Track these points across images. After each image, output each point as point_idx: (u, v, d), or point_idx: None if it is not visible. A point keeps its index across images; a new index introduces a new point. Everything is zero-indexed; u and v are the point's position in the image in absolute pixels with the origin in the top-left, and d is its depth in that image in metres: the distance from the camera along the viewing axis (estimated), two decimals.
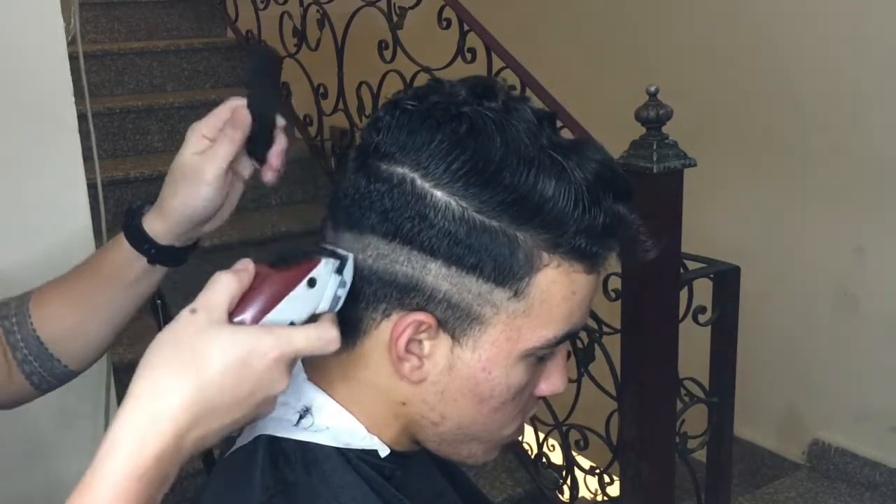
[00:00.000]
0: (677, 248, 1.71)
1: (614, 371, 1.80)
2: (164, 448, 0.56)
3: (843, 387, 2.52)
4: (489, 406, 0.67)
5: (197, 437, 0.59)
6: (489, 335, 0.65)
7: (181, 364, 0.58)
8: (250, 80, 0.79)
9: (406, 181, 0.63)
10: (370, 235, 0.64)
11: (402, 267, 0.63)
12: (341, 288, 0.64)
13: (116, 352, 2.14)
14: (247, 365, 0.59)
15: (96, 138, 1.65)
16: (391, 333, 0.65)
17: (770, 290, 2.54)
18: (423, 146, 0.63)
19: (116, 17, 3.34)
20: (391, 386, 0.67)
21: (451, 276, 0.63)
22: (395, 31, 2.41)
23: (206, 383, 0.58)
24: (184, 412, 0.57)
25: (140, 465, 0.56)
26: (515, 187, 0.62)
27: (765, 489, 2.53)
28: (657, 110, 1.61)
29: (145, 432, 0.56)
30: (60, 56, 1.45)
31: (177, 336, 0.59)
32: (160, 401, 0.57)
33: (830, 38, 2.42)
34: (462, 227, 0.62)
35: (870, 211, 2.40)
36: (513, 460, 2.25)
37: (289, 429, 0.68)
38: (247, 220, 2.83)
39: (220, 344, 0.58)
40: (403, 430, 0.70)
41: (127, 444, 0.56)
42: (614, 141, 1.76)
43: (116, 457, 0.56)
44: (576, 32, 3.08)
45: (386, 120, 0.65)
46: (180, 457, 0.58)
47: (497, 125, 0.62)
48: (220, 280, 0.61)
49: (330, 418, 0.68)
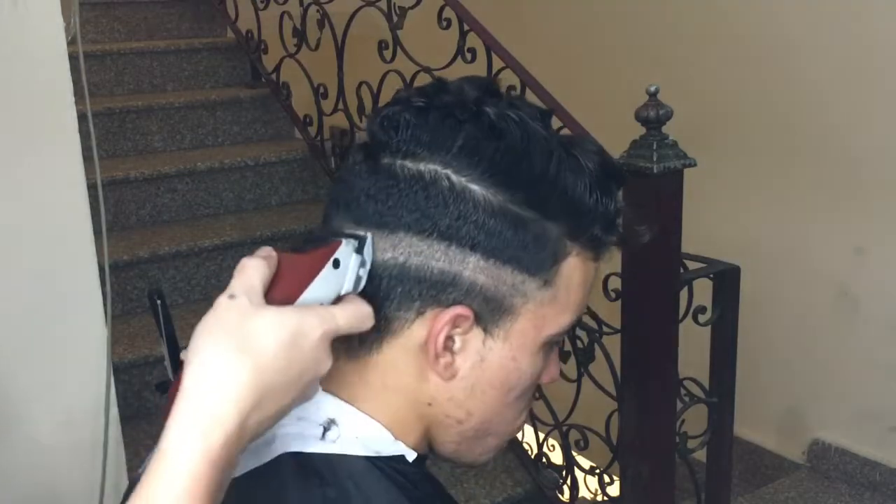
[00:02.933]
0: (677, 248, 1.71)
1: (614, 371, 1.80)
2: (230, 433, 0.55)
3: (843, 387, 2.52)
4: (512, 396, 0.69)
5: (257, 422, 0.58)
6: (519, 324, 0.66)
7: (236, 349, 0.57)
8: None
9: (441, 178, 0.63)
10: (402, 233, 0.64)
11: (438, 263, 0.63)
12: (362, 268, 0.64)
13: (116, 352, 2.14)
14: (297, 345, 0.58)
15: (96, 138, 1.65)
16: (430, 330, 0.64)
17: (770, 290, 2.54)
18: (449, 143, 0.63)
19: (116, 17, 3.35)
20: (418, 387, 0.67)
21: (487, 269, 0.64)
22: (395, 31, 2.41)
23: (264, 366, 0.57)
24: (246, 395, 0.56)
25: (212, 449, 0.55)
26: (542, 179, 0.64)
27: (765, 489, 2.53)
28: (657, 110, 1.61)
29: (211, 419, 0.55)
30: (60, 56, 1.45)
31: (222, 322, 0.57)
32: (221, 386, 0.56)
33: (831, 39, 2.42)
34: (499, 219, 0.63)
35: (870, 211, 2.40)
36: (513, 460, 2.25)
37: (314, 443, 0.66)
38: (247, 220, 2.84)
39: (270, 325, 0.58)
40: (424, 434, 0.70)
41: (195, 431, 0.55)
42: (614, 141, 1.77)
43: (188, 444, 0.54)
44: (576, 32, 3.08)
45: (404, 118, 0.64)
46: (243, 442, 0.57)
47: (515, 121, 0.64)
48: (251, 265, 0.60)
49: (357, 428, 0.67)
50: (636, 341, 1.72)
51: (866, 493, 2.45)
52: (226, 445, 0.55)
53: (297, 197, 3.03)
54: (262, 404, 0.57)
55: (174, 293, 2.60)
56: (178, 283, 2.64)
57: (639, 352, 1.72)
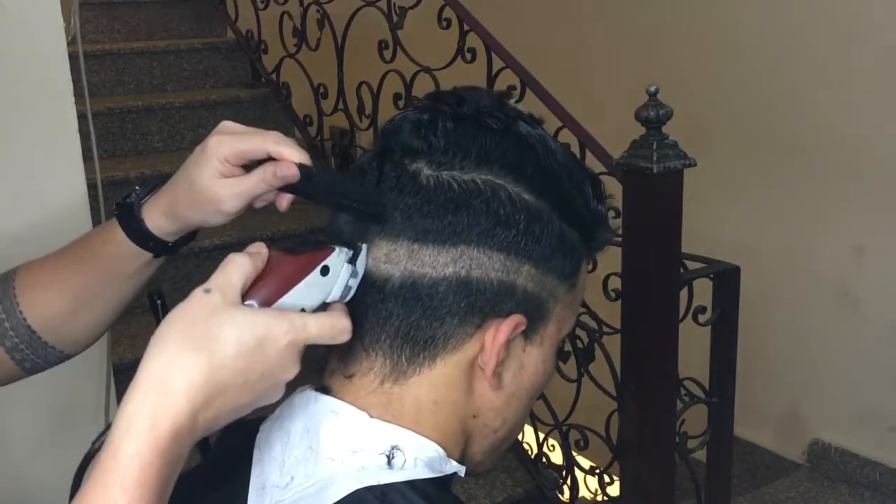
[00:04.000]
0: (677, 248, 1.71)
1: (614, 371, 1.80)
2: (180, 425, 0.55)
3: (843, 387, 2.52)
4: (533, 399, 0.70)
5: (209, 418, 0.57)
6: (548, 328, 0.67)
7: (195, 344, 0.56)
8: (344, 186, 0.68)
9: (499, 189, 0.63)
10: (464, 247, 0.62)
11: (497, 274, 0.63)
12: (353, 278, 0.63)
13: (116, 352, 2.13)
14: (260, 348, 0.58)
15: (96, 138, 1.65)
16: (492, 341, 0.63)
17: (770, 290, 2.54)
18: (495, 153, 0.63)
19: (116, 17, 3.34)
20: (466, 400, 0.66)
21: (537, 277, 0.64)
22: (395, 31, 2.41)
23: (219, 364, 0.56)
24: (198, 391, 0.56)
25: (160, 439, 0.54)
26: (571, 188, 0.66)
27: (765, 489, 2.53)
28: (657, 110, 1.61)
29: (162, 409, 0.55)
30: (60, 56, 1.45)
31: (190, 315, 0.57)
32: (175, 379, 0.56)
33: (831, 38, 2.42)
34: (547, 228, 0.64)
35: (870, 211, 2.40)
36: (513, 460, 2.25)
37: (382, 473, 0.63)
38: (247, 220, 2.82)
39: (235, 325, 0.57)
40: (465, 446, 0.69)
41: (144, 420, 0.55)
42: (614, 141, 1.78)
43: (136, 433, 0.54)
44: (576, 32, 3.08)
45: (442, 127, 0.63)
46: (193, 436, 0.57)
47: (537, 134, 0.66)
48: (235, 261, 0.59)
49: (419, 450, 0.64)
50: (636, 341, 1.72)
51: (866, 493, 2.45)
52: (175, 438, 0.55)
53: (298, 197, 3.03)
54: (213, 402, 0.57)
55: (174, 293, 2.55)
56: (178, 283, 2.63)
57: (639, 352, 1.72)
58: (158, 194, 0.80)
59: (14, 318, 0.84)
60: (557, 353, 0.71)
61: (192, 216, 0.78)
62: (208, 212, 0.76)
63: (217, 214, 0.76)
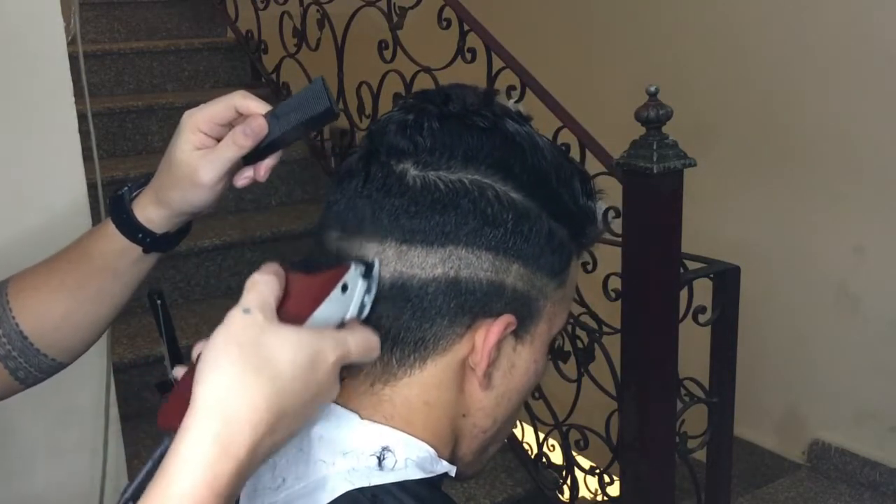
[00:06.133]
0: (677, 248, 1.71)
1: (614, 371, 1.81)
2: (241, 462, 0.52)
3: (843, 387, 2.52)
4: (524, 398, 0.69)
5: (268, 447, 0.55)
6: (539, 327, 0.66)
7: (252, 368, 0.53)
8: (297, 104, 0.73)
9: (486, 188, 0.62)
10: (452, 247, 0.61)
11: (486, 273, 0.62)
12: (367, 294, 0.61)
13: (116, 352, 2.14)
14: (312, 368, 0.55)
15: (96, 138, 1.65)
16: (483, 341, 0.63)
17: (770, 290, 2.54)
18: (483, 153, 0.62)
19: (116, 17, 3.35)
20: (456, 400, 0.66)
21: (526, 276, 0.64)
22: (395, 31, 2.41)
23: (281, 389, 0.54)
24: (262, 417, 0.53)
25: (219, 475, 0.51)
26: (560, 186, 0.65)
27: (765, 489, 2.53)
28: (657, 110, 1.61)
29: (224, 441, 0.52)
30: (60, 56, 1.45)
31: (237, 337, 0.54)
32: (237, 405, 0.52)
33: (831, 39, 2.42)
34: (536, 227, 0.63)
35: (870, 211, 2.41)
36: (513, 460, 2.25)
37: (372, 475, 0.62)
38: (247, 220, 2.83)
39: (288, 345, 0.55)
40: (454, 447, 0.69)
41: (203, 452, 0.51)
42: (614, 141, 1.78)
43: (194, 473, 0.51)
44: (576, 32, 3.08)
45: (428, 126, 0.63)
46: (252, 470, 0.54)
47: (524, 131, 0.65)
48: (262, 280, 0.57)
49: (410, 451, 0.64)
50: (636, 341, 1.72)
51: (866, 493, 2.45)
52: (235, 475, 0.52)
53: (297, 197, 3.03)
54: (276, 429, 0.54)
55: (174, 293, 2.60)
56: (178, 283, 2.64)
57: (639, 352, 1.72)
58: (149, 185, 0.81)
59: (7, 325, 0.83)
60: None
61: (174, 196, 0.78)
62: (186, 187, 0.77)
63: (195, 188, 0.76)
